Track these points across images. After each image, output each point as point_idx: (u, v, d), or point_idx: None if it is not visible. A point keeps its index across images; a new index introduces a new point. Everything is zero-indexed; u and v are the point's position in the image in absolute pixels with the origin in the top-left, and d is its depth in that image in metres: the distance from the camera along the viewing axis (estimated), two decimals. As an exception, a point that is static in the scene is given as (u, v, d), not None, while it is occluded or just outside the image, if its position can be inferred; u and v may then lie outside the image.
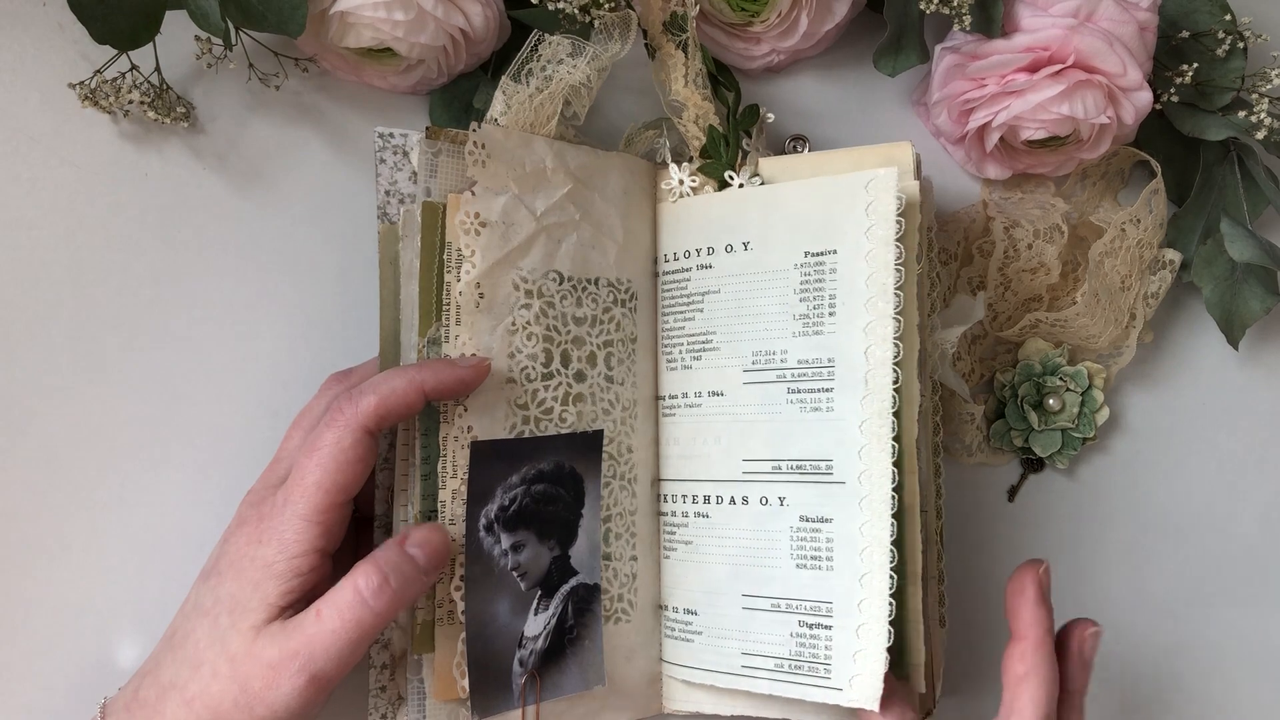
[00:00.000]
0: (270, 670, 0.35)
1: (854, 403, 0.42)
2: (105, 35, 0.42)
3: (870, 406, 0.41)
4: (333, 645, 0.35)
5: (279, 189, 0.48)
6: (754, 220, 0.44)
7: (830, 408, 0.42)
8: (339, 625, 0.35)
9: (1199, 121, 0.52)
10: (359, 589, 0.36)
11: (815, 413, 0.43)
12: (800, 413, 0.43)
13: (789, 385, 0.43)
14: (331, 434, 0.36)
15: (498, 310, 0.41)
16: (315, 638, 0.35)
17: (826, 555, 0.42)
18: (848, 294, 0.42)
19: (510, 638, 0.41)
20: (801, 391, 0.43)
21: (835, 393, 0.42)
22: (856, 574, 0.41)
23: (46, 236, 0.45)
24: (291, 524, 0.36)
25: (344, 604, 0.35)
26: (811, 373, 0.43)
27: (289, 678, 0.35)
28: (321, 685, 0.35)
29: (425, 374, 0.38)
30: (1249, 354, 0.55)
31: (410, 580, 0.37)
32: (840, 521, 0.42)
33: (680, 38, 0.46)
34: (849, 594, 0.41)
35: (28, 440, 0.44)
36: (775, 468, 0.43)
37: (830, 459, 0.42)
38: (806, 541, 0.43)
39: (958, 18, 0.47)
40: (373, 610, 0.36)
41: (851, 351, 0.42)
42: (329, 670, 0.35)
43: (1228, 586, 0.54)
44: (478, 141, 0.41)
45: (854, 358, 0.42)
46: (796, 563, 0.43)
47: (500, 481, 0.41)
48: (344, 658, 0.35)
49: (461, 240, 0.41)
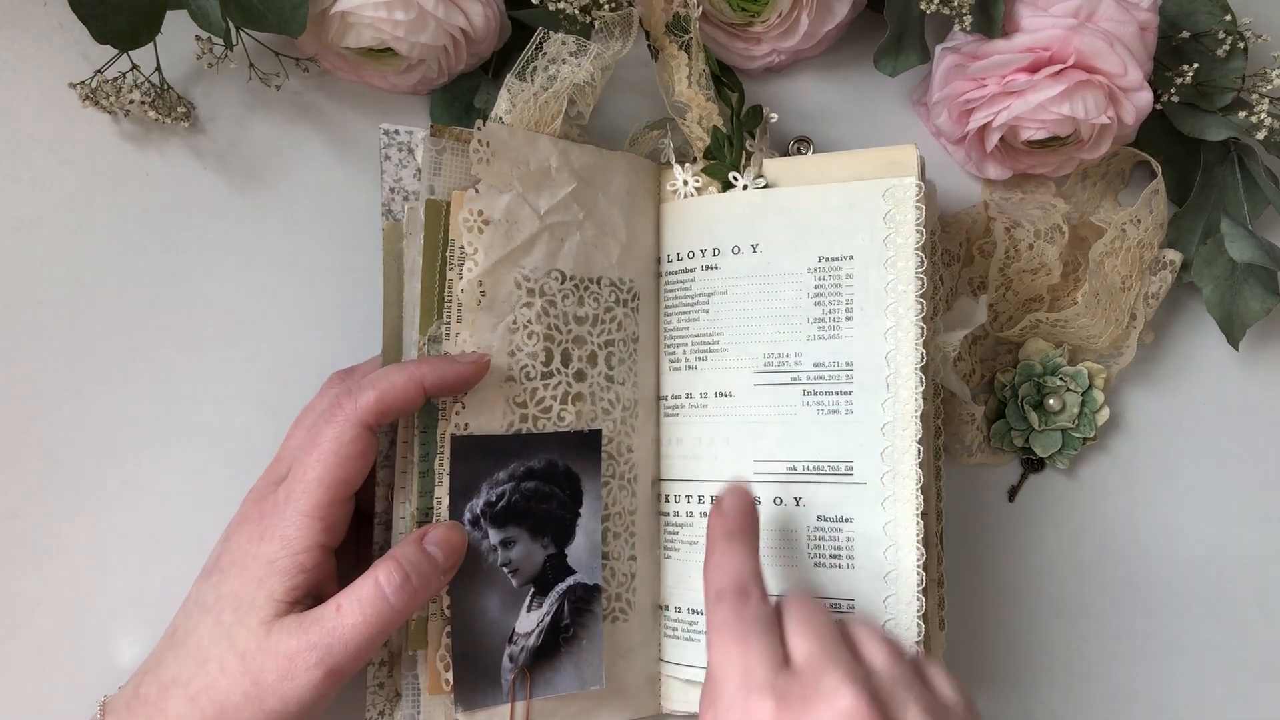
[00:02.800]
0: (286, 662, 0.35)
1: (875, 405, 0.43)
2: (106, 35, 0.42)
3: (893, 409, 0.42)
4: (352, 640, 0.35)
5: (279, 189, 0.48)
6: (764, 223, 0.45)
7: (850, 410, 0.43)
8: (360, 620, 0.35)
9: (1199, 122, 0.52)
10: (380, 584, 0.36)
11: (834, 415, 0.43)
12: (817, 414, 0.43)
13: (804, 388, 0.44)
14: (332, 429, 0.37)
15: (499, 308, 0.41)
16: (335, 631, 0.35)
17: (847, 554, 0.43)
18: (865, 299, 0.43)
19: (500, 633, 0.41)
20: (818, 394, 0.44)
21: (854, 395, 0.43)
22: (880, 572, 0.42)
23: (46, 236, 0.45)
24: (293, 520, 0.36)
25: (365, 599, 0.36)
26: (829, 376, 0.43)
27: (306, 670, 0.35)
28: (336, 679, 0.36)
29: (425, 370, 0.38)
30: (1249, 354, 0.55)
31: (429, 579, 0.37)
32: (861, 521, 0.43)
33: (683, 39, 0.46)
34: (874, 591, 0.42)
35: (28, 440, 0.44)
36: (790, 468, 0.44)
37: (850, 460, 0.43)
38: (825, 541, 0.43)
39: (958, 18, 0.47)
40: (393, 606, 0.36)
41: (871, 355, 0.43)
42: (345, 664, 0.35)
43: (1228, 587, 0.54)
44: (482, 139, 0.41)
45: (874, 361, 0.43)
46: (814, 561, 0.43)
47: (485, 477, 0.41)
48: (361, 652, 0.36)
49: (464, 238, 0.41)
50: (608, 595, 0.44)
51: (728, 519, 0.40)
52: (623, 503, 0.45)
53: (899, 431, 0.42)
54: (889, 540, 0.42)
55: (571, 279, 0.44)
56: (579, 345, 0.44)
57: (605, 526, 0.44)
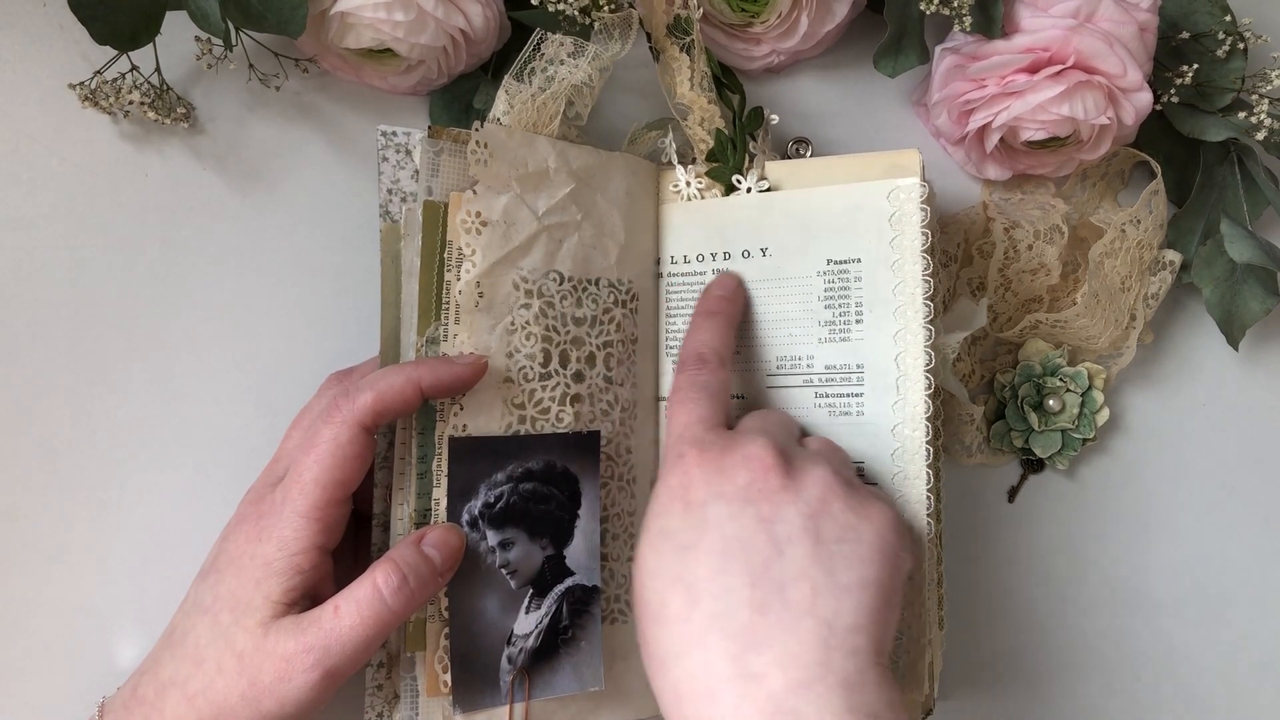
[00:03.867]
0: (284, 663, 0.35)
1: (885, 408, 0.43)
2: (105, 35, 0.42)
3: (902, 411, 0.43)
4: (349, 641, 0.35)
5: (279, 189, 0.48)
6: (772, 226, 0.45)
7: (861, 412, 0.44)
8: (357, 622, 0.35)
9: (1199, 122, 0.52)
10: (378, 586, 0.36)
11: (845, 417, 0.44)
12: (829, 416, 0.44)
13: (816, 390, 0.44)
14: (329, 430, 0.37)
15: (497, 310, 0.41)
16: (332, 633, 0.35)
17: None
18: (874, 301, 0.44)
19: (498, 635, 0.41)
20: (830, 396, 0.44)
21: (865, 398, 0.44)
22: None
23: (46, 236, 0.45)
24: (290, 521, 0.36)
25: (363, 601, 0.36)
26: (840, 378, 0.44)
27: (303, 671, 0.35)
28: (334, 680, 0.36)
29: (422, 371, 0.38)
30: (1249, 354, 0.55)
31: (426, 581, 0.37)
32: None
33: (684, 41, 0.46)
34: None
35: (28, 440, 0.44)
36: None
37: (860, 462, 0.43)
38: None
39: (958, 18, 0.47)
40: (390, 608, 0.36)
41: (881, 358, 0.43)
42: (343, 666, 0.35)
43: (1228, 587, 0.54)
44: (480, 140, 0.41)
45: (884, 364, 0.43)
46: None
47: (484, 479, 0.41)
48: (359, 654, 0.36)
49: (462, 239, 0.41)
50: (607, 596, 0.44)
51: (708, 299, 0.43)
52: (621, 504, 0.45)
53: (908, 433, 0.43)
54: None
55: (570, 280, 0.44)
56: (577, 346, 0.44)
57: (604, 528, 0.44)
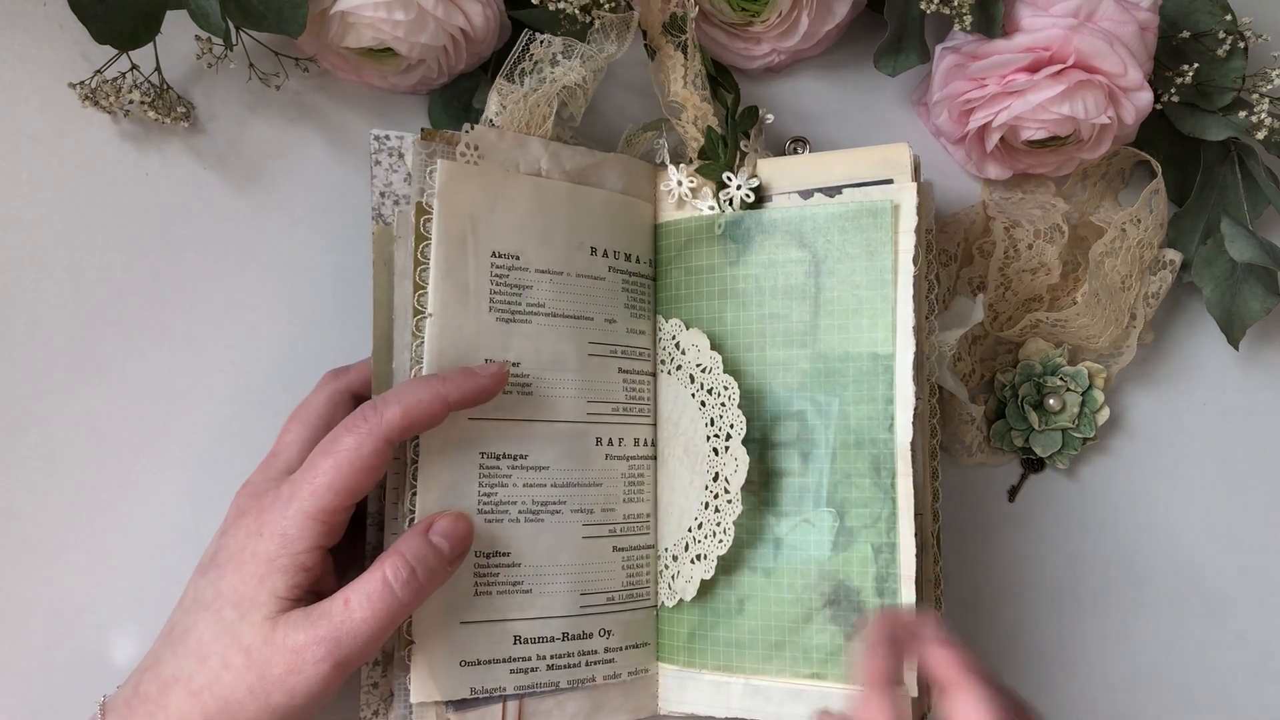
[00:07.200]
0: (293, 655, 0.35)
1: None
2: (106, 35, 0.42)
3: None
4: (360, 634, 0.35)
5: (279, 189, 0.48)
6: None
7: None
8: (368, 614, 0.36)
9: (1199, 122, 0.52)
10: (387, 579, 0.36)
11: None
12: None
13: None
14: (353, 439, 0.37)
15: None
16: (343, 625, 0.35)
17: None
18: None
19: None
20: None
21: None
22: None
23: (46, 236, 0.45)
24: (296, 520, 0.36)
25: (373, 593, 0.36)
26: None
27: (313, 663, 0.35)
28: (343, 672, 0.36)
29: (449, 386, 0.38)
30: (1249, 354, 0.55)
31: (435, 571, 0.37)
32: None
33: (679, 39, 0.46)
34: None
35: (28, 440, 0.44)
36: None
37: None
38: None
39: (958, 18, 0.47)
40: (400, 601, 0.36)
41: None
42: (354, 657, 0.36)
43: (1228, 587, 0.54)
44: (470, 142, 0.41)
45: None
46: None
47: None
48: (369, 646, 0.36)
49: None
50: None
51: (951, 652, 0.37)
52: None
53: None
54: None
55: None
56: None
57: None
